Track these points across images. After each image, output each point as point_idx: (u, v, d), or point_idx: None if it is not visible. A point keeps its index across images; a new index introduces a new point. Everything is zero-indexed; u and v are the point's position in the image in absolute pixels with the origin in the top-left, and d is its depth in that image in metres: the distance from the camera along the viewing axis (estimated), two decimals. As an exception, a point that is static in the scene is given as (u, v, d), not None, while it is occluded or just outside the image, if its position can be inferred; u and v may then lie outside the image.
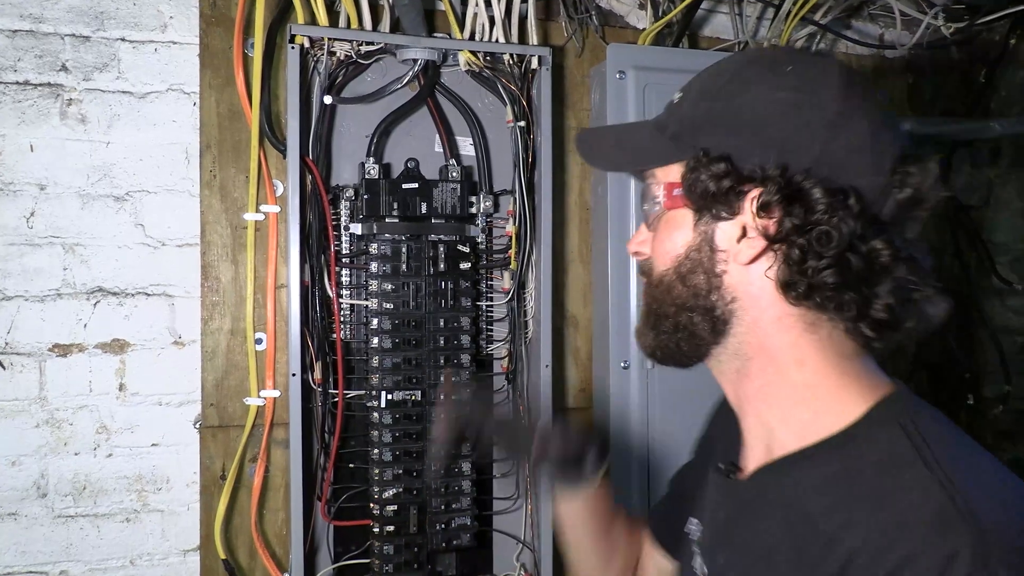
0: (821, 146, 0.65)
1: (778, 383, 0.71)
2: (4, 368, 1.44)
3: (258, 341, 1.50)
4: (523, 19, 1.57)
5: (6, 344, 1.43)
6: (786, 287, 0.67)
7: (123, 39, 1.49)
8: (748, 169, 0.66)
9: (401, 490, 1.46)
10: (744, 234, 0.68)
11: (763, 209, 0.65)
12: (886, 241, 0.65)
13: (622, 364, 1.59)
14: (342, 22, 1.47)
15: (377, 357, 1.46)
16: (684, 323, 0.72)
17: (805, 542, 0.65)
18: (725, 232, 0.69)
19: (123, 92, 1.49)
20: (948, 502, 0.58)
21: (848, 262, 0.65)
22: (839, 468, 0.65)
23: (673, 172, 0.72)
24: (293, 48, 1.40)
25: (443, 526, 1.49)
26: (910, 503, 0.60)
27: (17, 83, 1.44)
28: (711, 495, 0.81)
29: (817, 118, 0.66)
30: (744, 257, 0.68)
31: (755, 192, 0.66)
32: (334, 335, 1.46)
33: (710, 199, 0.68)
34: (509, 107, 1.54)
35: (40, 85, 1.45)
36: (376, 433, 1.46)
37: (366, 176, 1.46)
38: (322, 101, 1.45)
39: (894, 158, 0.66)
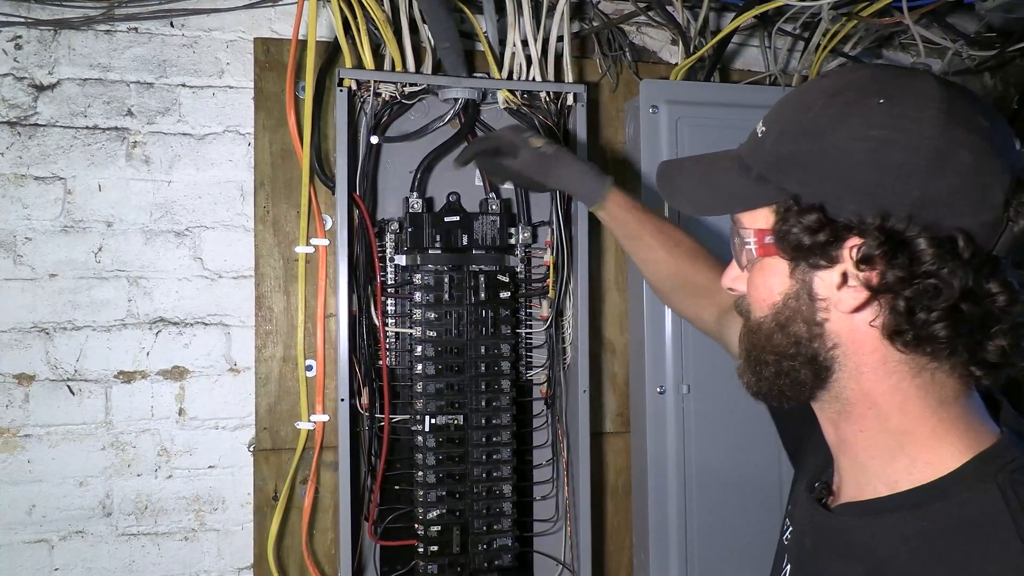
0: (921, 190, 0.59)
1: (877, 428, 0.67)
2: (73, 394, 1.53)
3: (308, 368, 1.57)
4: (559, 57, 1.63)
5: (75, 371, 1.53)
6: (893, 337, 0.63)
7: (183, 85, 1.59)
8: (844, 218, 0.61)
9: (444, 511, 1.51)
10: (844, 281, 0.63)
11: (864, 261, 0.61)
12: (1003, 283, 0.60)
13: (658, 389, 1.62)
14: (387, 65, 1.54)
15: (421, 383, 1.51)
16: (786, 370, 0.69)
17: None
18: (824, 280, 0.64)
19: (183, 134, 1.59)
20: None
21: (961, 312, 0.60)
22: (925, 525, 0.62)
23: (761, 217, 0.67)
24: (341, 90, 1.48)
25: (485, 546, 1.53)
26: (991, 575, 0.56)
27: (87, 128, 1.55)
28: (798, 511, 0.80)
29: (915, 159, 0.59)
30: (846, 306, 0.64)
31: (854, 242, 0.61)
32: (380, 362, 1.52)
33: (805, 251, 0.63)
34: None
35: (108, 129, 1.56)
36: (420, 456, 1.51)
37: (410, 210, 1.53)
38: (368, 140, 1.53)
39: (1005, 189, 0.60)
